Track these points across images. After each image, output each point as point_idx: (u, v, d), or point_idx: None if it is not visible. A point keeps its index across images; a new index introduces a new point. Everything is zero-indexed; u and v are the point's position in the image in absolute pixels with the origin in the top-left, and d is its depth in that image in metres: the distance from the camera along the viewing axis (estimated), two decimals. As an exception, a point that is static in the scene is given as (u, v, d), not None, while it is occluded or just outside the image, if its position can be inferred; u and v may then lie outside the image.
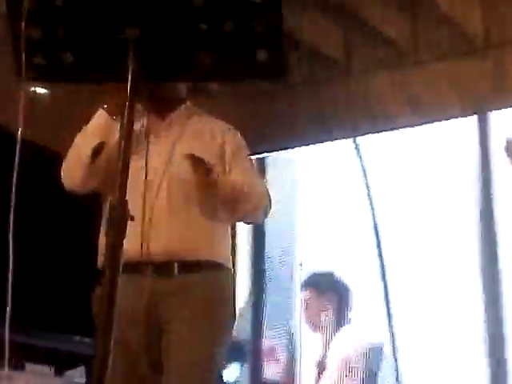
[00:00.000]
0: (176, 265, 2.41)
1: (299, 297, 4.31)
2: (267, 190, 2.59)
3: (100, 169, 2.44)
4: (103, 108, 2.43)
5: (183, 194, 2.45)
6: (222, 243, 2.55)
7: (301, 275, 4.53)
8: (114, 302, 1.44)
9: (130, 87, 1.57)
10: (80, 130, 2.51)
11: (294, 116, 5.60)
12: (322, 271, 4.39)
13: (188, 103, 2.66)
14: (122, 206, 1.49)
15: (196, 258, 2.44)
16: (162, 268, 2.41)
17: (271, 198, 2.56)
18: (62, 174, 2.50)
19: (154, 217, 2.40)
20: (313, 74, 5.59)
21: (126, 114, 1.57)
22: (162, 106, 2.58)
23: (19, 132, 1.63)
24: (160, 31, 1.61)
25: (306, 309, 4.20)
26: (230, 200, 2.42)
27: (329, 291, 4.17)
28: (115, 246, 1.46)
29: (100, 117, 2.43)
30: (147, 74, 1.65)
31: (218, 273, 2.50)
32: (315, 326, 4.19)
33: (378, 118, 5.21)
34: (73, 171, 2.47)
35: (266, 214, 2.56)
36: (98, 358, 1.41)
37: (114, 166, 2.46)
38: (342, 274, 4.35)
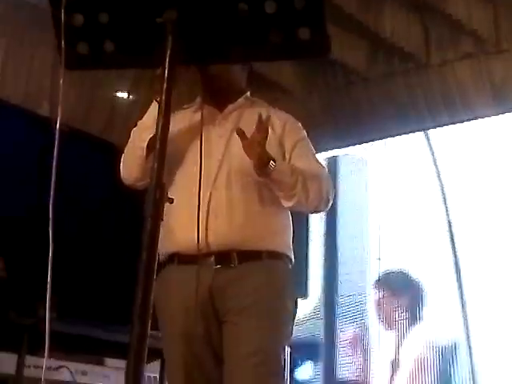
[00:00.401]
0: (235, 254, 2.37)
1: (372, 294, 4.23)
2: (329, 179, 2.52)
3: None
4: (157, 100, 2.40)
5: (242, 182, 2.40)
6: (282, 232, 2.49)
7: (379, 270, 4.45)
8: (150, 290, 1.40)
9: (168, 71, 1.54)
10: None
11: (370, 109, 5.52)
12: (395, 270, 4.31)
13: (248, 94, 2.61)
14: (159, 188, 1.45)
15: (256, 247, 2.39)
16: (221, 258, 2.36)
17: (334, 189, 2.49)
18: (120, 170, 2.49)
19: (212, 206, 2.37)
20: (390, 66, 5.50)
21: (163, 98, 1.53)
22: (219, 98, 2.54)
23: (58, 121, 1.61)
24: (199, 13, 1.57)
25: (380, 308, 4.12)
26: (287, 188, 2.36)
27: (402, 290, 4.10)
28: (152, 230, 1.42)
29: (153, 109, 2.41)
30: (186, 57, 1.61)
31: (279, 262, 2.44)
32: (389, 324, 4.11)
33: (457, 109, 5.08)
34: (130, 166, 2.46)
35: (327, 203, 2.49)
36: (133, 348, 1.38)
37: (171, 157, 2.48)
38: (416, 272, 4.24)
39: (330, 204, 2.51)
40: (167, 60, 1.53)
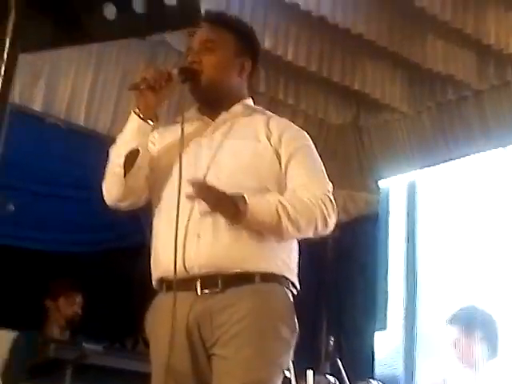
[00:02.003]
0: (220, 278, 2.10)
1: (447, 332, 3.87)
2: (327, 197, 2.17)
3: (139, 178, 2.21)
4: (135, 112, 2.21)
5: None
6: (281, 251, 2.18)
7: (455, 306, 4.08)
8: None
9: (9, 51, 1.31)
10: None
11: (481, 122, 5.08)
12: (466, 307, 3.95)
13: (247, 101, 2.34)
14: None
15: (246, 269, 2.11)
16: (206, 283, 2.11)
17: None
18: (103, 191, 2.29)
19: (193, 225, 2.12)
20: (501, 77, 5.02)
21: (3, 74, 1.30)
22: (213, 107, 2.30)
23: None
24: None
25: (456, 347, 3.76)
26: (271, 227, 2.10)
27: (476, 326, 3.73)
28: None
29: (131, 122, 2.22)
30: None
31: (275, 286, 2.13)
32: (466, 362, 3.73)
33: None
34: (109, 186, 2.24)
35: (327, 226, 2.15)
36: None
37: (159, 173, 2.28)
38: (485, 306, 3.97)
39: (333, 225, 2.17)
40: (10, 37, 1.31)
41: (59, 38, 1.34)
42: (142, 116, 2.19)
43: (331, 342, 4.36)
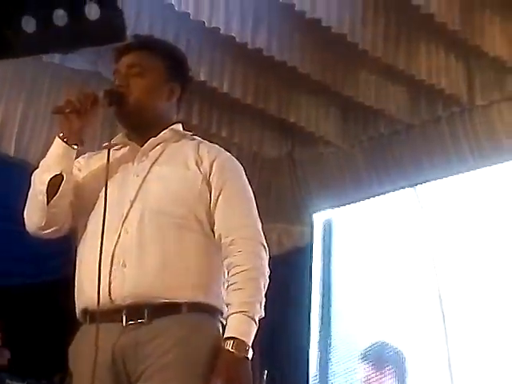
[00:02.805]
0: (146, 309, 2.02)
1: (358, 370, 3.90)
2: (257, 242, 2.11)
3: (62, 205, 2.13)
4: (59, 136, 2.13)
5: (157, 223, 2.08)
6: (210, 279, 2.11)
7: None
8: None
9: None
10: None
11: (413, 157, 5.17)
12: (376, 342, 4.00)
13: (175, 127, 2.28)
14: None
15: (173, 298, 2.03)
16: (131, 314, 2.02)
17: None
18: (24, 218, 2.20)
19: (119, 252, 2.05)
20: (433, 112, 5.12)
21: None
22: (141, 133, 2.24)
23: None
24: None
25: (367, 383, 3.79)
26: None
27: (387, 363, 3.76)
28: None
29: (55, 147, 2.14)
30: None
31: (204, 316, 2.06)
32: None
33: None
34: (30, 213, 2.16)
35: (267, 269, 2.12)
36: None
37: (85, 200, 2.21)
38: (394, 342, 4.08)
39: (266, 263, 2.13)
40: None
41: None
42: (66, 140, 2.12)
43: (265, 376, 4.31)
